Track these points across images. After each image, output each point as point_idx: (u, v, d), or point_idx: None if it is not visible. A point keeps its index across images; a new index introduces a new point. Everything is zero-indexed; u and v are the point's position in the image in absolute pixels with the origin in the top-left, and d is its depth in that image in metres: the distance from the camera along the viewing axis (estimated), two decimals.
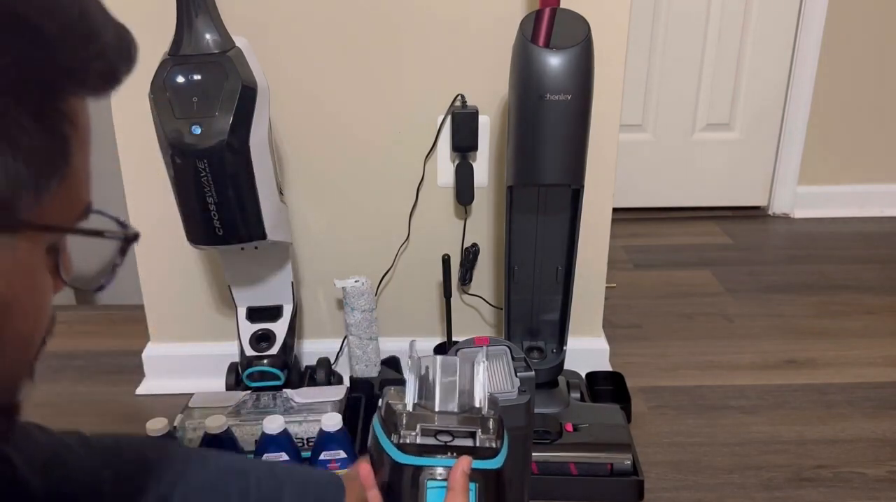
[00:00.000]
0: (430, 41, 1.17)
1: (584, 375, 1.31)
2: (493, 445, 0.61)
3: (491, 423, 0.62)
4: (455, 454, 0.59)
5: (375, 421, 0.64)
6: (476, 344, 0.86)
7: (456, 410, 0.63)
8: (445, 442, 0.61)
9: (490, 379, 0.83)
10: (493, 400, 0.64)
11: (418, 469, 0.59)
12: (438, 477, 0.58)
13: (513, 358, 0.86)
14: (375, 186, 1.27)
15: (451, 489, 0.56)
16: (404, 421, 0.61)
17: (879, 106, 2.15)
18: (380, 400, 0.64)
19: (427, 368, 0.66)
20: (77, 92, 0.39)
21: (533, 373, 0.85)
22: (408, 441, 0.60)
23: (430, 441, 0.61)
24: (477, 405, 0.63)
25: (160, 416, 1.04)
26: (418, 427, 0.61)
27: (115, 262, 0.44)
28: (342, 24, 1.16)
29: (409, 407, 0.62)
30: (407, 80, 1.19)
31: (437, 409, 0.62)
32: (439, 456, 0.59)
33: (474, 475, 0.58)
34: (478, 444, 0.61)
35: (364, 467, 0.61)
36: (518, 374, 0.83)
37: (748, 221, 2.23)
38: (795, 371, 1.42)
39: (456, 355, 0.70)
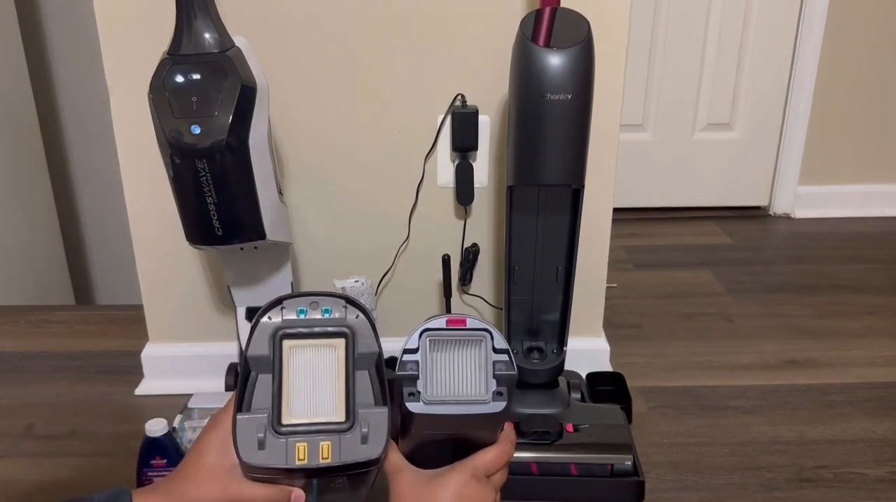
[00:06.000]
0: (431, 41, 1.17)
1: (584, 375, 1.31)
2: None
3: None
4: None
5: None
6: (449, 324, 0.65)
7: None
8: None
9: (457, 375, 0.64)
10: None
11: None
12: None
13: (494, 349, 0.64)
14: (375, 186, 1.26)
15: None
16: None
17: (879, 106, 2.15)
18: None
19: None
20: None
21: (515, 371, 0.64)
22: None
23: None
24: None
25: (159, 417, 1.03)
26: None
27: None
28: (342, 24, 1.16)
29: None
30: (407, 80, 1.19)
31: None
32: None
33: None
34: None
35: None
36: (496, 373, 0.63)
37: (748, 221, 2.23)
38: (796, 371, 1.42)
39: (420, 337, 0.64)
